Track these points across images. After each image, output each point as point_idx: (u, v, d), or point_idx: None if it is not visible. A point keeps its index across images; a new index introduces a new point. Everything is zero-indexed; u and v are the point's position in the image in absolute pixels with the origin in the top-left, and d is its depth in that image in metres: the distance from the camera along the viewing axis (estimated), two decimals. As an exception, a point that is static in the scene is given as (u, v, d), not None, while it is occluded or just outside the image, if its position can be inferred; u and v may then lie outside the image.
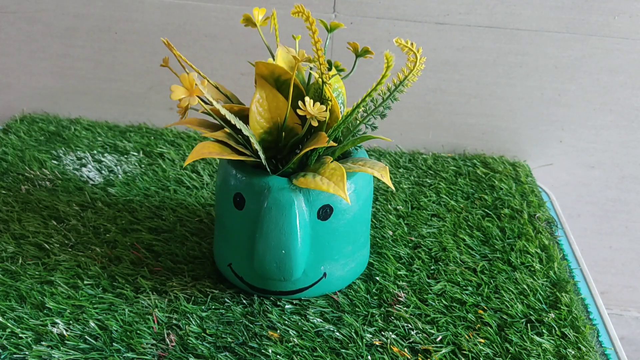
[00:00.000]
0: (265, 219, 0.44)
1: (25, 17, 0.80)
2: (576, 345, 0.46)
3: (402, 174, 0.72)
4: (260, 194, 0.44)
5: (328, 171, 0.43)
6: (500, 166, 0.75)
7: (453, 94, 0.78)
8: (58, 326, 0.45)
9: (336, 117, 0.45)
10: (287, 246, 0.44)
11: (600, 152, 0.81)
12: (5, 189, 0.64)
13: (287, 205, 0.43)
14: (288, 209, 0.43)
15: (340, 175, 0.42)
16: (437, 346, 0.45)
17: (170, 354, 0.44)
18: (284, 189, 0.44)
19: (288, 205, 0.43)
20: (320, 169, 0.44)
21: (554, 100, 0.78)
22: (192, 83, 0.40)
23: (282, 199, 0.43)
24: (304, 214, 0.44)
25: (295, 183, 0.43)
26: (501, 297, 0.51)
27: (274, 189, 0.44)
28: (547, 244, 0.59)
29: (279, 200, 0.43)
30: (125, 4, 0.77)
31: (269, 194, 0.44)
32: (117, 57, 0.81)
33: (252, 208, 0.45)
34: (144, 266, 0.52)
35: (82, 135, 0.78)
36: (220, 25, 0.77)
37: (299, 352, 0.44)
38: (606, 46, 0.73)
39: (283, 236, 0.44)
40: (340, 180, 0.42)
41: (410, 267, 0.54)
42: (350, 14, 0.74)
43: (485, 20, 0.73)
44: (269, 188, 0.44)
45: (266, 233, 0.44)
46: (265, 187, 0.44)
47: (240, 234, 0.47)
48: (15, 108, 0.87)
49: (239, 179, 0.46)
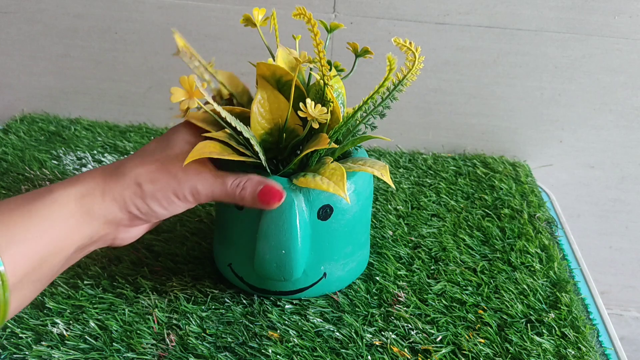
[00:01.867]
0: (266, 219, 0.44)
1: (25, 17, 0.80)
2: (576, 345, 0.46)
3: (402, 174, 0.72)
4: None
5: (328, 171, 0.43)
6: (500, 166, 0.75)
7: (453, 94, 0.78)
8: (58, 326, 0.45)
9: (337, 119, 0.45)
10: (287, 246, 0.44)
11: (600, 152, 0.81)
12: (5, 189, 0.64)
13: (287, 205, 0.43)
14: (288, 209, 0.43)
15: (340, 175, 0.42)
16: (437, 346, 0.45)
17: (170, 354, 0.44)
18: (283, 189, 0.44)
19: (288, 206, 0.43)
20: (320, 169, 0.44)
21: (554, 100, 0.78)
22: (192, 85, 0.40)
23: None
24: (304, 214, 0.44)
25: (296, 183, 0.43)
26: (501, 297, 0.51)
27: None
28: (547, 244, 0.59)
29: None
30: (125, 4, 0.77)
31: None
32: (117, 57, 0.81)
33: (252, 209, 0.45)
34: (144, 266, 0.52)
35: (82, 135, 0.78)
36: (220, 25, 0.77)
37: (299, 352, 0.44)
38: (606, 46, 0.73)
39: (283, 236, 0.44)
40: (340, 180, 0.42)
41: (410, 267, 0.54)
42: (350, 14, 0.74)
43: (485, 20, 0.73)
44: None
45: (266, 233, 0.44)
46: None
47: (240, 235, 0.47)
48: (15, 108, 0.87)
49: None
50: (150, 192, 0.40)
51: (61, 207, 0.38)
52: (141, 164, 0.41)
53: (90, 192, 0.39)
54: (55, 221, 0.37)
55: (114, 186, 0.40)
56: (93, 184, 0.40)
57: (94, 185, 0.40)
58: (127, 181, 0.40)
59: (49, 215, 0.37)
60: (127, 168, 0.41)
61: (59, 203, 0.38)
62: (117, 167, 0.41)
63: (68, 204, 0.38)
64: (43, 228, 0.36)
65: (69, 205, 0.38)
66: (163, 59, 0.80)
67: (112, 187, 0.40)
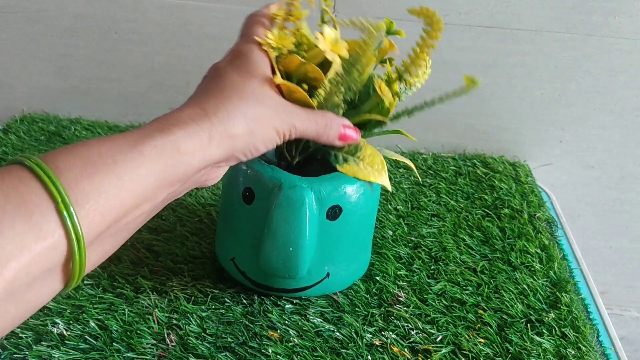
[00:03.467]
0: (275, 215, 0.43)
1: (25, 17, 0.80)
2: (576, 345, 0.46)
3: (402, 174, 0.72)
4: (271, 190, 0.44)
5: (367, 157, 0.41)
6: (500, 166, 0.75)
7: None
8: (58, 326, 0.45)
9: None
10: (295, 243, 0.43)
11: (600, 152, 0.81)
12: (5, 189, 0.64)
13: (298, 203, 0.43)
14: (299, 206, 0.43)
15: (380, 163, 0.41)
16: (437, 346, 0.45)
17: (170, 354, 0.44)
18: (295, 187, 0.43)
19: (299, 203, 0.43)
20: (357, 153, 0.42)
21: (554, 100, 0.78)
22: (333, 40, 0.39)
23: (294, 196, 0.43)
24: (314, 213, 0.44)
25: (341, 170, 0.42)
26: (501, 297, 0.51)
27: (285, 185, 0.43)
28: (547, 244, 0.59)
29: (290, 197, 0.43)
30: (125, 4, 0.77)
31: (280, 190, 0.43)
32: (117, 57, 0.81)
33: (261, 204, 0.45)
34: (144, 266, 0.52)
35: (82, 135, 0.78)
36: (220, 25, 0.77)
37: (299, 352, 0.44)
38: (606, 46, 0.73)
39: (292, 233, 0.43)
40: (382, 168, 0.40)
41: (410, 267, 0.54)
42: (350, 14, 0.74)
43: (485, 20, 0.73)
44: (280, 185, 0.43)
45: (275, 229, 0.43)
46: (277, 183, 0.44)
47: (246, 229, 0.47)
48: (15, 108, 0.87)
49: (249, 174, 0.45)
50: (258, 133, 0.37)
51: (151, 158, 0.33)
52: (241, 99, 0.37)
53: (193, 137, 0.34)
54: (141, 174, 0.32)
55: (222, 130, 0.35)
56: (197, 128, 0.35)
57: (198, 130, 0.35)
58: (237, 124, 0.36)
59: (135, 168, 0.32)
60: (229, 106, 0.36)
61: (148, 154, 0.33)
62: (217, 105, 0.36)
63: (163, 152, 0.33)
64: (128, 179, 0.32)
65: (164, 153, 0.33)
66: (163, 59, 0.80)
67: (219, 131, 0.35)
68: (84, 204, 0.30)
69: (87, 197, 0.30)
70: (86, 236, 0.30)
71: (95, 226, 0.31)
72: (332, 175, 0.45)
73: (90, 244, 0.31)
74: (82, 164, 0.31)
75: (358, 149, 0.43)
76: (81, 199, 0.30)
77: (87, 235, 0.30)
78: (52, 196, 0.29)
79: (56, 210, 0.29)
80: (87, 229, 0.30)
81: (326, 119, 0.40)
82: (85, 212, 0.30)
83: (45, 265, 0.29)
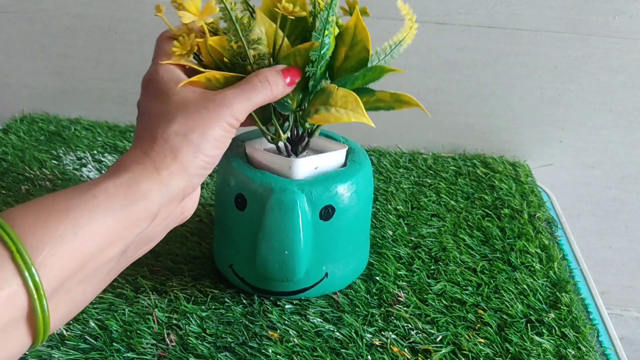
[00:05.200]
0: (268, 220, 0.44)
1: (25, 17, 0.80)
2: (576, 345, 0.46)
3: (402, 174, 0.72)
4: (262, 194, 0.44)
5: (339, 100, 0.40)
6: (500, 166, 0.75)
7: (453, 94, 0.78)
8: (58, 326, 0.45)
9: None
10: (290, 247, 0.44)
11: (600, 152, 0.81)
12: (5, 189, 0.64)
13: (290, 206, 0.43)
14: (291, 209, 0.43)
15: (354, 101, 0.39)
16: (437, 346, 0.45)
17: (170, 354, 0.44)
18: (286, 190, 0.43)
19: (291, 206, 0.43)
20: (329, 100, 0.41)
21: (554, 100, 0.78)
22: (197, 7, 0.38)
23: (285, 200, 0.43)
24: (307, 214, 0.44)
25: (311, 122, 0.42)
26: (501, 297, 0.51)
27: (276, 189, 0.44)
28: (547, 244, 0.59)
29: (281, 200, 0.43)
30: (125, 4, 0.77)
31: (271, 194, 0.43)
32: (117, 57, 0.81)
33: (254, 209, 0.45)
34: (144, 266, 0.52)
35: (82, 135, 0.78)
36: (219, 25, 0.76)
37: (299, 352, 0.44)
38: (606, 46, 0.73)
39: (286, 237, 0.43)
40: (357, 106, 0.39)
41: (410, 267, 0.54)
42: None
43: (485, 20, 0.73)
44: (271, 189, 0.44)
45: (269, 234, 0.44)
46: (268, 187, 0.44)
47: (242, 235, 0.47)
48: (15, 108, 0.87)
49: (240, 180, 0.46)
50: (202, 141, 0.37)
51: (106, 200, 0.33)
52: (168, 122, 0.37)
53: (143, 176, 0.35)
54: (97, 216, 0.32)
55: (167, 160, 0.36)
56: (142, 167, 0.35)
57: (141, 168, 0.35)
58: (175, 146, 0.36)
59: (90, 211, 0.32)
60: (162, 135, 0.36)
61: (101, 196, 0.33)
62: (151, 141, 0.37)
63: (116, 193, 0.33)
64: (85, 222, 0.31)
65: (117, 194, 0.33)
66: (163, 59, 0.80)
67: (165, 162, 0.36)
68: (40, 251, 0.29)
69: (43, 244, 0.30)
70: (46, 285, 0.29)
71: (55, 273, 0.30)
72: (323, 176, 0.46)
73: (55, 292, 0.31)
74: (36, 213, 0.31)
75: (329, 97, 0.41)
76: (37, 247, 0.29)
77: (48, 283, 0.30)
78: (6, 246, 0.29)
79: (11, 259, 0.28)
80: (46, 277, 0.29)
81: (260, 76, 0.40)
82: (41, 259, 0.29)
83: (6, 316, 0.28)
